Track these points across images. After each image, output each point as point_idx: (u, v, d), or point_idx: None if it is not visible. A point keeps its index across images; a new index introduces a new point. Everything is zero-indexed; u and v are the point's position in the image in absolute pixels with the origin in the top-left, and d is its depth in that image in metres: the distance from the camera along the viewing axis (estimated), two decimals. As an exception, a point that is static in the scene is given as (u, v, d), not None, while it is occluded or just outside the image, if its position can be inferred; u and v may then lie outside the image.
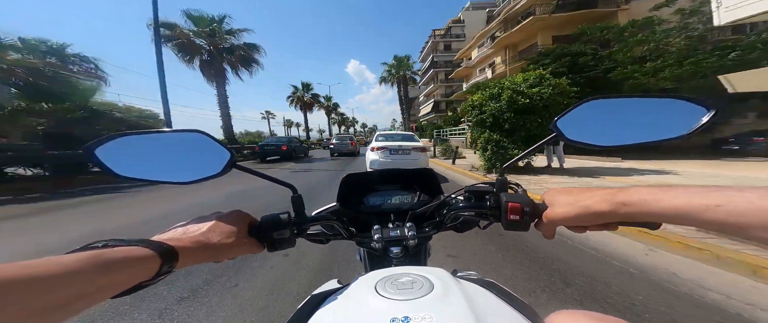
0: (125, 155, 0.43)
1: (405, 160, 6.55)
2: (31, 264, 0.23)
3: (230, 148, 0.48)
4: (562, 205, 0.43)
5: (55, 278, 0.23)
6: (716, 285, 1.88)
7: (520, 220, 0.48)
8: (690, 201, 0.30)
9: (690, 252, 2.29)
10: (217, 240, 0.41)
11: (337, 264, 2.38)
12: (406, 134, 8.13)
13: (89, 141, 0.40)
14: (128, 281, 0.30)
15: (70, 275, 0.25)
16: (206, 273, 2.22)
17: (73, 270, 0.25)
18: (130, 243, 0.31)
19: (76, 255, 0.26)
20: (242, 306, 1.81)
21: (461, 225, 0.61)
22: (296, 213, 0.54)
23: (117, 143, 0.42)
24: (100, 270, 0.27)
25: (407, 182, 0.73)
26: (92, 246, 0.30)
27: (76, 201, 5.66)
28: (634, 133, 0.47)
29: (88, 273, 0.26)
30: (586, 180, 5.84)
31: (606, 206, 0.37)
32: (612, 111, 0.49)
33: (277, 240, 0.49)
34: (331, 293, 0.44)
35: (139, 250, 0.31)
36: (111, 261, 0.28)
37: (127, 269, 0.29)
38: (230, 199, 5.28)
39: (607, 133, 0.48)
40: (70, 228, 3.74)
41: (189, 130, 0.47)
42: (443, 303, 0.34)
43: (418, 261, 0.61)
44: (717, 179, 5.40)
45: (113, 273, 0.28)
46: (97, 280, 0.26)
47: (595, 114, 0.49)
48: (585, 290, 1.87)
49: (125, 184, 7.07)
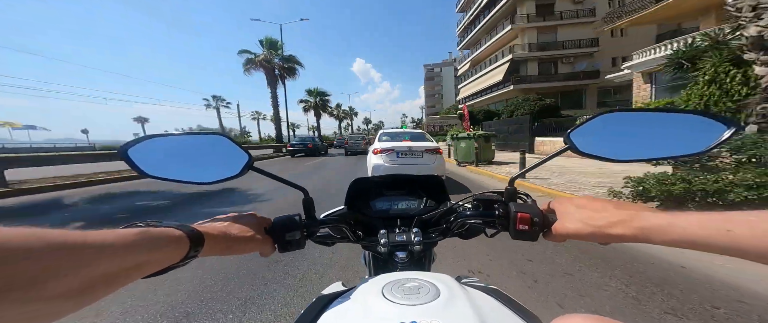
0: (154, 156, 0.46)
1: (416, 165, 5.38)
2: (91, 234, 0.24)
3: (248, 151, 0.51)
4: (574, 222, 0.42)
5: (108, 248, 0.24)
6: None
7: (529, 230, 0.47)
8: (704, 228, 0.30)
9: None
10: (236, 233, 0.44)
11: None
12: (416, 133, 6.77)
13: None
14: (164, 260, 0.31)
15: (122, 247, 0.26)
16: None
17: (128, 242, 0.26)
18: (166, 225, 0.33)
19: (129, 230, 0.28)
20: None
21: (467, 233, 0.61)
22: (307, 215, 0.56)
23: (147, 144, 0.46)
24: (148, 245, 0.28)
25: (414, 188, 0.73)
26: (136, 224, 0.32)
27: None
28: (650, 148, 0.46)
29: (136, 247, 0.27)
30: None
31: (622, 230, 0.37)
32: (629, 124, 0.47)
33: (288, 242, 0.51)
34: (338, 295, 0.45)
35: (174, 231, 0.33)
36: (156, 237, 0.30)
37: (165, 248, 0.31)
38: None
39: (622, 147, 0.47)
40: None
41: (212, 132, 0.50)
42: (450, 309, 0.34)
43: (422, 266, 0.62)
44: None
45: (156, 250, 0.29)
46: (142, 254, 0.28)
47: (611, 127, 0.47)
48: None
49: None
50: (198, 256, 0.37)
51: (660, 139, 0.44)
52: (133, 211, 4.72)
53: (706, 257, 2.22)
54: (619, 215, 0.37)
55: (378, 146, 5.62)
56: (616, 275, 2.13)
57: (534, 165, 0.56)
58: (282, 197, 5.21)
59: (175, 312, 1.79)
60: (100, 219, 4.21)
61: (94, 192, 6.43)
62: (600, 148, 0.48)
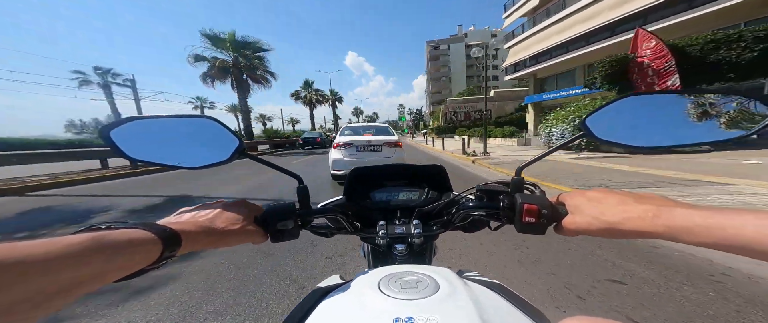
0: (138, 138, 0.45)
1: (376, 159, 5.35)
2: (27, 245, 0.22)
3: (240, 136, 0.49)
4: (586, 216, 0.38)
5: (53, 261, 0.22)
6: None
7: (536, 223, 0.44)
8: (763, 228, 0.24)
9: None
10: (222, 226, 0.41)
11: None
12: (380, 126, 6.64)
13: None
14: (130, 265, 0.29)
15: (70, 258, 0.23)
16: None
17: (73, 252, 0.24)
18: (132, 226, 0.31)
19: (77, 237, 0.25)
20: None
21: (470, 226, 0.58)
22: (301, 204, 0.54)
23: (131, 126, 0.44)
24: (101, 254, 0.26)
25: (415, 179, 0.71)
26: (95, 228, 0.29)
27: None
28: (679, 134, 0.41)
29: (88, 257, 0.25)
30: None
31: (643, 226, 0.32)
32: (654, 108, 0.43)
33: (280, 231, 0.49)
34: (334, 288, 0.44)
35: (140, 233, 0.30)
36: (112, 244, 0.27)
37: (128, 252, 0.28)
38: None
39: (646, 132, 0.43)
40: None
41: (201, 115, 0.48)
42: (449, 304, 0.33)
43: (423, 260, 0.60)
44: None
45: (114, 257, 0.27)
46: (97, 264, 0.25)
47: (632, 111, 0.44)
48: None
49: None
50: (177, 255, 0.34)
51: (690, 123, 0.40)
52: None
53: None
54: (638, 210, 0.34)
55: (338, 140, 5.59)
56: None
57: (544, 154, 0.52)
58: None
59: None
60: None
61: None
62: (620, 134, 0.44)
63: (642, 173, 5.34)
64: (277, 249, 2.51)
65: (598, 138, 0.45)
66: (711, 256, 2.15)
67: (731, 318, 1.51)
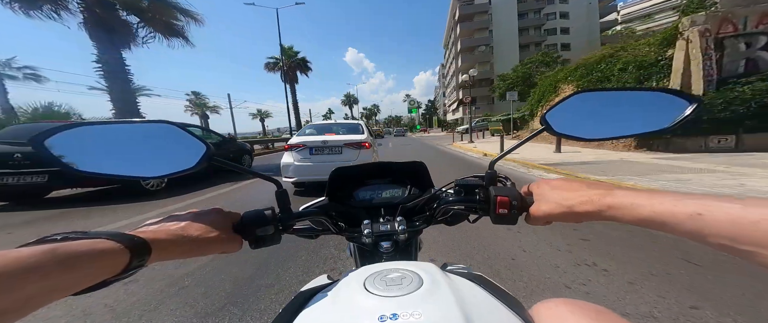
0: (85, 148, 0.39)
1: (333, 163, 3.73)
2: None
3: (206, 142, 0.45)
4: (548, 202, 0.43)
5: (8, 274, 0.21)
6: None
7: (508, 214, 0.47)
8: (673, 209, 0.29)
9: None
10: (197, 234, 0.39)
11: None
12: (348, 124, 5.68)
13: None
14: (92, 277, 0.27)
15: (22, 271, 0.22)
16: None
17: (26, 266, 0.22)
18: (94, 236, 0.29)
19: (27, 250, 0.24)
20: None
21: (451, 219, 0.61)
22: (281, 208, 0.52)
23: (73, 134, 0.38)
24: (59, 265, 0.24)
25: (398, 175, 0.72)
26: (49, 239, 0.27)
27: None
28: (620, 126, 0.48)
29: (43, 270, 0.23)
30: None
31: (590, 207, 0.37)
32: (600, 104, 0.49)
33: (261, 237, 0.48)
34: (320, 289, 0.43)
35: (104, 243, 0.29)
36: (70, 256, 0.25)
37: (89, 264, 0.27)
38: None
39: (594, 126, 0.49)
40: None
41: (158, 121, 0.44)
42: (431, 299, 0.34)
43: (408, 255, 0.61)
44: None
45: (73, 269, 0.25)
46: (54, 277, 0.24)
47: (584, 107, 0.49)
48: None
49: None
50: (146, 265, 0.33)
51: (629, 117, 0.47)
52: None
53: None
54: (590, 194, 0.38)
55: (292, 141, 4.68)
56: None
57: (513, 148, 0.57)
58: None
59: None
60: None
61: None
62: (574, 128, 0.49)
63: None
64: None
65: (556, 131, 0.49)
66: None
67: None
